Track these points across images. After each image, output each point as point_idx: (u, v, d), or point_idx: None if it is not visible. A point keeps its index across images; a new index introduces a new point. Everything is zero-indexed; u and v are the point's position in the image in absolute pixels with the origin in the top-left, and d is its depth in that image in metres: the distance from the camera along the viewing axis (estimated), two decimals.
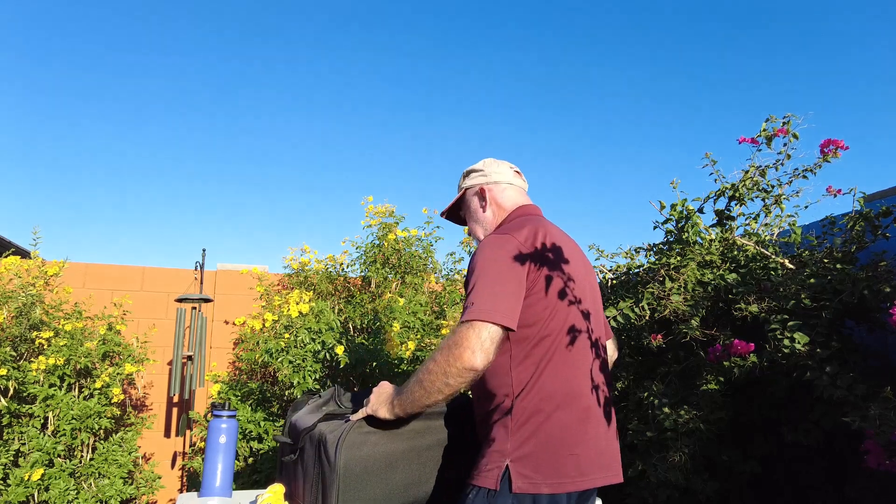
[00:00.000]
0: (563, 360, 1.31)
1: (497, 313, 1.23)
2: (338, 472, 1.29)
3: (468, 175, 1.62)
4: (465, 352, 1.20)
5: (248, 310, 4.37)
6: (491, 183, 1.57)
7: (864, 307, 1.94)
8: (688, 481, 2.08)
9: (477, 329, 1.21)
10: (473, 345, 1.20)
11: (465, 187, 1.61)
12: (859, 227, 2.08)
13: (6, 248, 5.11)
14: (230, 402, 3.44)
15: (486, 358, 1.21)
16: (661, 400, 2.16)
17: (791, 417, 2.08)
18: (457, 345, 1.21)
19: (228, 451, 1.69)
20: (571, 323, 1.34)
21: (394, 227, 4.11)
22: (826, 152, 2.24)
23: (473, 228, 1.60)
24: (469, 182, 1.60)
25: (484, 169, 1.60)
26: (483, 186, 1.57)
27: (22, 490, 3.06)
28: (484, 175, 1.58)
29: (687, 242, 2.47)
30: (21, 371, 3.30)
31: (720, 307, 2.32)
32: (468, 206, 1.60)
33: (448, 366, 1.21)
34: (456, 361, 1.20)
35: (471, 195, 1.60)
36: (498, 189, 1.56)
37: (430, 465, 1.39)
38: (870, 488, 1.95)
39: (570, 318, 1.34)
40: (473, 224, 1.59)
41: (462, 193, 1.62)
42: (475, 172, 1.61)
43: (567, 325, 1.33)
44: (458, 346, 1.21)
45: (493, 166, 1.60)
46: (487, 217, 1.56)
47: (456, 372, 1.21)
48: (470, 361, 1.20)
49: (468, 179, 1.61)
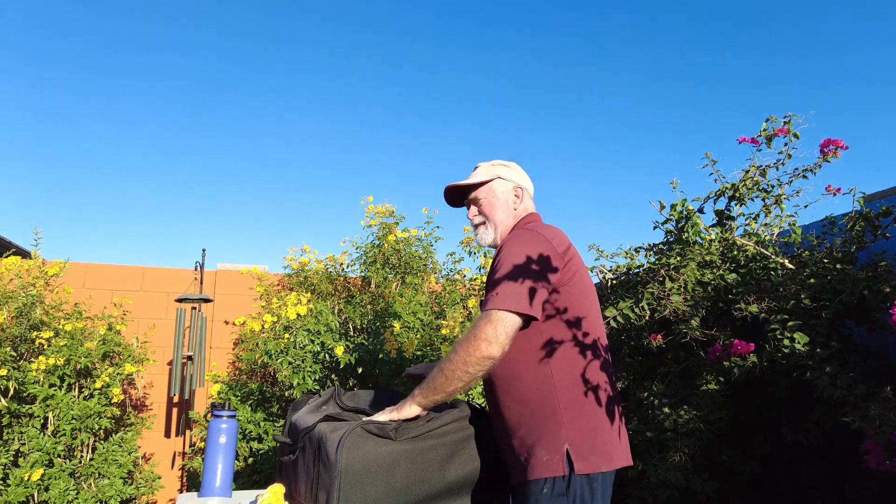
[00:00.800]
0: (590, 353, 1.43)
1: (518, 303, 1.32)
2: (338, 472, 1.29)
3: (503, 166, 1.66)
4: (482, 343, 1.30)
5: (248, 310, 4.37)
6: (525, 186, 1.65)
7: (864, 307, 1.94)
8: (688, 481, 2.08)
9: (494, 320, 1.31)
10: (489, 336, 1.30)
11: (500, 175, 1.63)
12: (859, 227, 2.08)
13: (7, 248, 5.11)
14: (230, 403, 3.45)
15: (501, 348, 1.31)
16: (661, 400, 2.16)
17: (791, 417, 2.08)
18: (475, 336, 1.31)
19: (228, 451, 1.70)
20: (594, 321, 1.46)
21: (394, 227, 4.11)
22: (826, 152, 2.24)
23: (494, 215, 1.61)
24: (506, 174, 1.64)
25: (519, 171, 1.68)
26: (521, 185, 1.64)
27: (22, 490, 3.06)
28: (520, 176, 1.66)
29: (687, 242, 2.47)
30: (21, 371, 3.30)
31: (720, 307, 2.31)
32: (496, 194, 1.62)
33: (468, 355, 1.31)
34: (475, 351, 1.30)
35: (505, 186, 1.63)
36: (527, 194, 1.66)
37: (432, 466, 1.39)
38: (870, 488, 1.95)
39: (590, 316, 1.45)
40: (497, 212, 1.61)
41: (493, 179, 1.63)
42: (510, 170, 1.66)
43: (591, 323, 1.44)
44: (477, 338, 1.31)
45: (523, 173, 1.68)
46: (516, 213, 1.62)
47: (475, 361, 1.31)
48: (487, 351, 1.30)
49: (504, 170, 1.65)
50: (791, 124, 2.36)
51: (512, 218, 1.61)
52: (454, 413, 1.47)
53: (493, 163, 1.68)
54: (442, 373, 1.35)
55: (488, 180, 1.63)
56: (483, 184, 1.63)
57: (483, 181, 1.63)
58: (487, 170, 1.66)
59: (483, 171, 1.66)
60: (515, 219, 1.61)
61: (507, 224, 1.60)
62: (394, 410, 1.42)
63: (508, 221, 1.60)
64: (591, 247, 2.88)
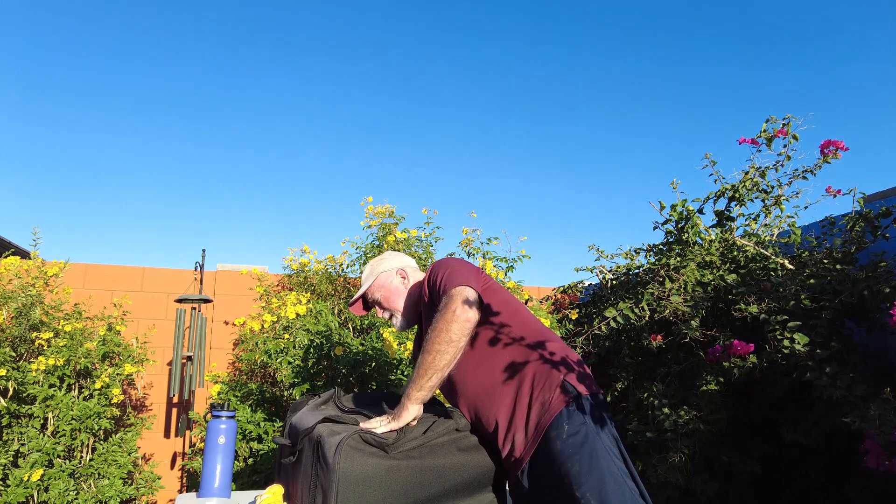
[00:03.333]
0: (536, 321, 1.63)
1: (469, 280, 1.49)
2: (337, 475, 1.29)
3: (378, 262, 1.84)
4: (458, 309, 1.42)
5: (248, 310, 4.37)
6: (405, 265, 1.82)
7: (864, 308, 1.94)
8: (688, 482, 2.08)
9: (459, 293, 1.45)
10: (462, 304, 1.43)
11: (380, 271, 1.80)
12: (859, 227, 2.08)
13: (6, 248, 5.11)
14: (230, 403, 3.44)
15: (475, 313, 1.44)
16: (661, 400, 2.16)
17: (791, 418, 2.08)
18: (448, 308, 1.42)
19: (227, 451, 1.69)
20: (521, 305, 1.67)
21: (394, 227, 4.11)
22: (826, 153, 2.24)
23: (395, 304, 1.77)
24: (383, 266, 1.81)
25: (394, 257, 1.85)
26: (402, 268, 1.80)
27: (21, 490, 3.06)
28: (397, 260, 1.83)
29: (687, 243, 2.47)
30: (21, 371, 3.30)
31: (720, 308, 2.32)
32: (387, 286, 1.78)
33: (448, 324, 1.41)
34: (454, 319, 1.41)
35: (389, 276, 1.79)
36: (411, 269, 1.82)
37: (432, 471, 1.38)
38: (870, 488, 1.95)
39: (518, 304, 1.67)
40: (397, 299, 1.77)
41: (376, 278, 1.80)
42: (385, 260, 1.83)
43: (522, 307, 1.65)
44: (450, 310, 1.42)
45: (397, 255, 1.86)
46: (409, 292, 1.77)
47: (457, 328, 1.41)
48: (464, 315, 1.41)
49: (381, 264, 1.82)
50: (790, 126, 2.36)
51: (411, 298, 1.76)
52: (450, 423, 1.48)
53: (369, 266, 1.85)
54: (427, 353, 1.43)
55: (372, 282, 1.79)
56: (372, 287, 1.80)
57: (369, 285, 1.80)
58: (368, 271, 1.84)
59: (366, 274, 1.84)
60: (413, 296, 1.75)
61: (410, 304, 1.76)
62: (392, 419, 1.44)
63: (409, 301, 1.76)
64: (590, 247, 2.89)
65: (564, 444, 1.35)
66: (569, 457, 1.33)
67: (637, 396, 2.34)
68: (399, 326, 1.77)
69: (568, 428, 1.36)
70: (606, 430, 1.40)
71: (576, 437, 1.35)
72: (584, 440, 1.34)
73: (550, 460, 1.36)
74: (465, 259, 1.76)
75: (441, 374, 1.43)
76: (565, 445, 1.35)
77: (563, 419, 1.38)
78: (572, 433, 1.36)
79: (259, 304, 4.20)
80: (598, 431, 1.37)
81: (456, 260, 1.65)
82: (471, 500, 1.44)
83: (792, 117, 2.36)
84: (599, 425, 1.39)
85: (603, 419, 1.41)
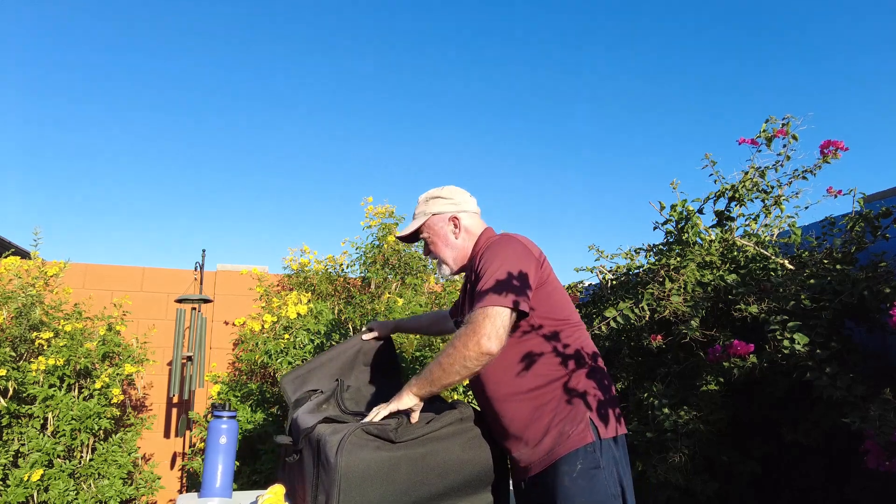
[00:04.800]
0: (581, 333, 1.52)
1: (511, 299, 1.36)
2: (338, 474, 1.28)
3: (433, 200, 1.70)
4: (482, 338, 1.32)
5: (248, 310, 4.36)
6: (461, 212, 1.67)
7: (864, 308, 1.94)
8: (688, 482, 2.08)
9: (491, 315, 1.34)
10: (489, 331, 1.33)
11: (432, 212, 1.68)
12: (859, 227, 2.08)
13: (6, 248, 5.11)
14: (230, 403, 3.44)
15: (499, 342, 1.34)
16: (661, 400, 2.16)
17: (791, 418, 2.08)
18: (474, 332, 1.33)
19: (228, 451, 1.69)
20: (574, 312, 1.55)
21: (393, 227, 4.10)
22: (826, 153, 2.25)
23: (442, 252, 1.67)
24: (438, 208, 1.68)
25: (453, 197, 1.69)
26: (455, 214, 1.66)
27: (21, 491, 3.06)
28: (453, 203, 1.68)
29: (687, 243, 2.48)
30: (21, 371, 3.30)
31: (720, 308, 2.32)
32: (436, 230, 1.67)
33: (466, 350, 1.33)
34: (475, 347, 1.32)
35: (440, 221, 1.67)
36: (466, 217, 1.67)
37: (433, 471, 1.38)
38: (870, 488, 1.95)
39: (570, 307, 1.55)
40: (444, 248, 1.66)
41: (429, 218, 1.68)
42: (443, 199, 1.69)
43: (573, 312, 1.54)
44: (476, 333, 1.33)
45: (459, 195, 1.70)
46: (458, 244, 1.66)
47: (474, 356, 1.33)
48: (486, 346, 1.32)
49: (435, 205, 1.68)
50: (789, 126, 2.36)
51: (458, 249, 1.65)
52: (454, 414, 1.47)
53: (426, 197, 1.72)
54: (440, 367, 1.37)
55: (424, 221, 1.69)
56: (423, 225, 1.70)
57: (420, 224, 1.69)
58: (422, 207, 1.71)
59: (419, 210, 1.72)
60: (464, 245, 1.65)
61: (458, 254, 1.65)
62: (392, 402, 1.43)
63: (457, 252, 1.65)
64: (590, 247, 2.88)
65: (573, 482, 1.34)
66: (572, 497, 1.33)
67: (637, 396, 2.34)
68: (444, 275, 1.69)
69: (580, 468, 1.35)
70: (616, 478, 1.38)
71: (585, 479, 1.34)
72: (591, 485, 1.34)
73: (554, 490, 1.36)
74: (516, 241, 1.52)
75: (447, 386, 1.40)
76: (573, 483, 1.34)
77: (577, 457, 1.36)
78: (582, 475, 1.35)
79: (259, 305, 4.20)
80: (607, 479, 1.36)
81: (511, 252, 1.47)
82: (472, 498, 1.44)
83: (791, 117, 2.36)
84: (612, 472, 1.38)
85: (617, 465, 1.39)
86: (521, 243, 1.50)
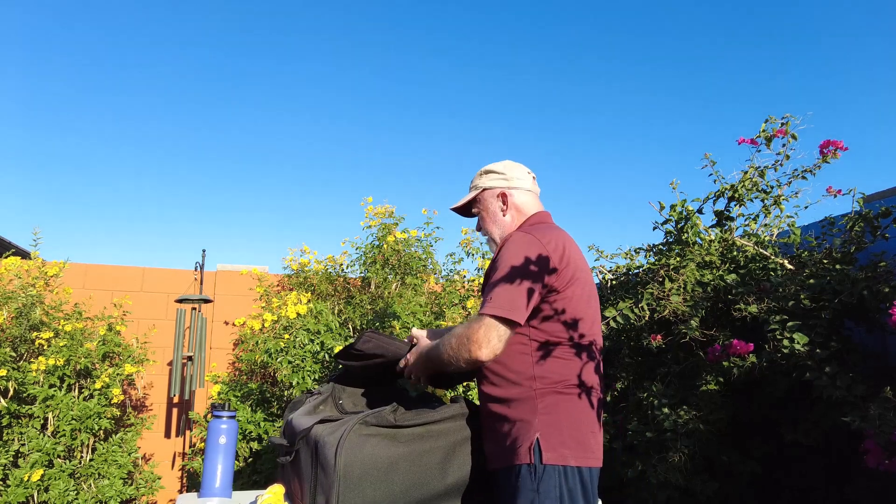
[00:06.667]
0: (581, 355, 1.44)
1: (511, 310, 1.34)
2: (337, 474, 1.29)
3: (487, 174, 1.64)
4: (473, 346, 1.34)
5: (248, 311, 4.36)
6: (512, 188, 1.61)
7: (864, 307, 1.94)
8: (688, 482, 2.08)
9: (487, 326, 1.34)
10: (481, 340, 1.34)
11: (483, 187, 1.63)
12: (858, 227, 2.08)
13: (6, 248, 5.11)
14: (230, 403, 3.44)
15: (491, 353, 1.35)
16: (661, 400, 2.16)
17: (791, 417, 2.08)
18: (468, 338, 1.35)
19: (228, 451, 1.69)
20: (588, 324, 1.47)
21: (393, 227, 4.11)
22: (825, 153, 2.25)
23: (490, 229, 1.62)
24: (489, 182, 1.63)
25: (506, 172, 1.63)
26: (505, 191, 1.61)
27: (21, 491, 3.06)
28: (505, 178, 1.62)
29: (686, 243, 2.48)
30: (21, 372, 3.30)
31: (720, 307, 2.32)
32: (486, 206, 1.63)
33: (459, 353, 1.37)
34: (465, 353, 1.36)
35: (490, 196, 1.62)
36: (518, 194, 1.61)
37: (431, 469, 1.38)
38: (870, 488, 1.95)
39: (586, 319, 1.46)
40: (491, 225, 1.62)
41: (479, 192, 1.64)
42: (496, 174, 1.63)
43: (584, 326, 1.45)
44: (469, 341, 1.35)
45: (513, 170, 1.63)
46: (506, 221, 1.60)
47: (465, 360, 1.37)
48: (476, 355, 1.34)
49: (487, 179, 1.63)
50: (788, 126, 2.37)
51: (506, 227, 1.59)
52: (454, 408, 1.47)
53: (481, 171, 1.67)
54: (440, 358, 1.43)
55: (475, 196, 1.65)
56: (475, 199, 1.65)
57: (471, 198, 1.65)
58: (475, 181, 1.67)
59: (473, 184, 1.68)
60: (513, 224, 1.59)
61: (504, 232, 1.58)
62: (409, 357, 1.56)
63: (504, 230, 1.59)
64: (591, 247, 2.89)
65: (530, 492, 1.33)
66: None
67: (637, 396, 2.34)
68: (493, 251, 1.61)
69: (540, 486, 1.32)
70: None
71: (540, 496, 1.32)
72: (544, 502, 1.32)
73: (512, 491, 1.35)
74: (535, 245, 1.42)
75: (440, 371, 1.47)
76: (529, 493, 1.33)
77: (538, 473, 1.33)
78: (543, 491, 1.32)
79: (259, 305, 4.20)
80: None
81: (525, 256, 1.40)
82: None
83: (791, 117, 2.37)
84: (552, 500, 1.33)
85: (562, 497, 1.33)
86: (540, 245, 1.41)
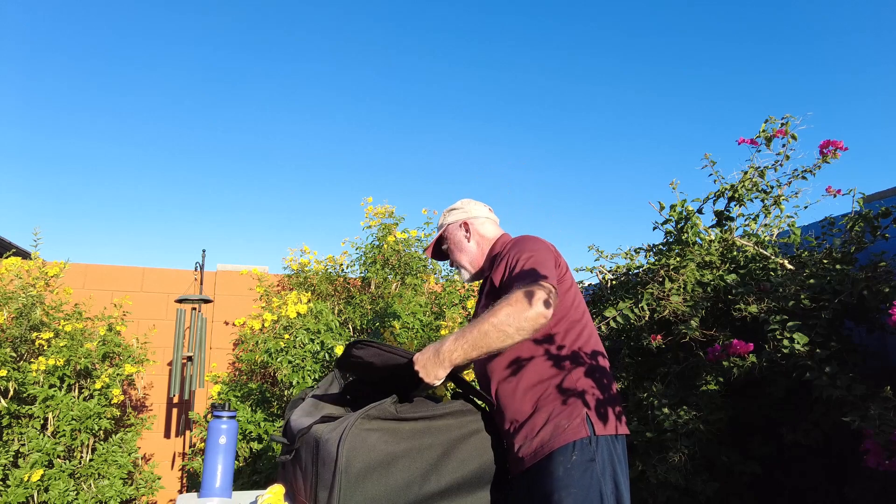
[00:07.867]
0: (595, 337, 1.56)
1: (551, 278, 1.41)
2: (338, 471, 1.29)
3: (448, 213, 1.82)
4: (540, 302, 1.32)
5: (248, 310, 4.37)
6: (472, 217, 1.77)
7: (864, 308, 1.94)
8: (688, 482, 2.08)
9: (545, 287, 1.36)
10: (546, 296, 1.33)
11: (447, 223, 1.80)
12: (858, 227, 2.08)
13: (7, 248, 5.11)
14: (230, 403, 3.44)
15: (551, 310, 1.34)
16: (661, 400, 2.16)
17: (791, 418, 2.08)
18: (530, 296, 1.33)
19: (228, 451, 1.69)
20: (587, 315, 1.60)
21: (393, 227, 4.11)
22: (825, 153, 2.25)
23: (458, 257, 1.76)
24: (451, 218, 1.80)
25: (463, 207, 1.81)
26: (466, 220, 1.77)
27: (21, 491, 3.06)
28: (464, 211, 1.79)
29: (686, 243, 2.48)
30: (21, 372, 3.30)
31: (720, 308, 2.32)
32: (451, 238, 1.78)
33: (523, 312, 1.31)
34: (530, 310, 1.31)
35: (454, 228, 1.78)
36: (478, 222, 1.77)
37: (432, 465, 1.38)
38: (870, 488, 1.95)
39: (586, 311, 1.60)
40: (458, 253, 1.76)
41: (444, 229, 1.81)
42: (455, 210, 1.81)
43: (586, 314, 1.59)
44: (533, 297, 1.32)
45: (469, 204, 1.81)
46: (471, 247, 1.75)
47: (532, 317, 1.31)
48: (545, 309, 1.32)
49: (450, 216, 1.81)
50: (788, 126, 2.36)
51: (472, 252, 1.73)
52: (456, 404, 1.47)
53: (443, 212, 1.85)
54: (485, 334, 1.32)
55: (440, 233, 1.81)
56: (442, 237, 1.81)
57: (439, 236, 1.82)
58: (440, 222, 1.84)
59: (438, 224, 1.85)
60: (478, 249, 1.73)
61: (472, 258, 1.73)
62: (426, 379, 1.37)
63: (471, 256, 1.74)
64: (590, 247, 2.88)
65: (567, 473, 1.35)
66: (565, 486, 1.34)
67: (637, 396, 2.34)
68: (465, 280, 1.78)
69: (575, 459, 1.36)
70: (611, 474, 1.38)
71: (579, 470, 1.35)
72: (585, 477, 1.35)
73: (548, 479, 1.37)
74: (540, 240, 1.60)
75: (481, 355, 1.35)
76: (567, 474, 1.35)
77: (572, 449, 1.37)
78: (577, 466, 1.35)
79: (259, 305, 4.20)
80: (602, 473, 1.37)
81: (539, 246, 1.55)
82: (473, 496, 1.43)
83: (790, 117, 2.36)
84: (606, 468, 1.38)
85: (613, 463, 1.39)
86: (543, 241, 1.60)
